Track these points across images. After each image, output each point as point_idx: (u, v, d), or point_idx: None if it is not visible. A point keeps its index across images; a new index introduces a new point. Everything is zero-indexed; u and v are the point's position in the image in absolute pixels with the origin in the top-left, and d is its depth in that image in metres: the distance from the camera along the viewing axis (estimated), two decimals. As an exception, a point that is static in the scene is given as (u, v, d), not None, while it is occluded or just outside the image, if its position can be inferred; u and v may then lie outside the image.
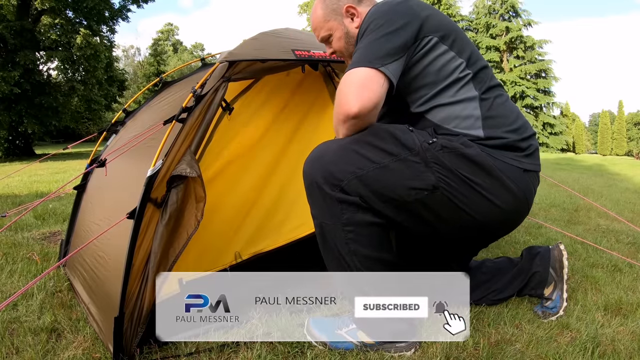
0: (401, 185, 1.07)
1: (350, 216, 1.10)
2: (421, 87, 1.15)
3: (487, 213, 1.13)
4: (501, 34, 28.73)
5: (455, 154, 1.09)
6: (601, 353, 1.16)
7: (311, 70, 1.81)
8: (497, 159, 1.13)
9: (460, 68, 1.15)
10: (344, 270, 1.15)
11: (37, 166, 8.08)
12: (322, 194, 1.10)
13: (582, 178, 7.09)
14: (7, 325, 1.34)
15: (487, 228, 1.21)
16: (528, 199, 1.19)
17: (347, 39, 1.28)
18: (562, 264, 1.43)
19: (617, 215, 2.90)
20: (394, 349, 1.17)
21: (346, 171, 1.08)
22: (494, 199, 1.12)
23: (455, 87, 1.15)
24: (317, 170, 1.11)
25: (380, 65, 1.06)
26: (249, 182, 1.79)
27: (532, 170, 1.20)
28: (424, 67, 1.13)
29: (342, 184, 1.08)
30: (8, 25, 12.61)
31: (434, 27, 1.14)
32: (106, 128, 2.13)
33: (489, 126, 1.15)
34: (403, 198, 1.08)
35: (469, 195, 1.10)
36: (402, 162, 1.07)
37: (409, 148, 1.08)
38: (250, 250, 1.74)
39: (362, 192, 1.08)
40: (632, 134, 45.53)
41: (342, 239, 1.12)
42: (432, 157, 1.07)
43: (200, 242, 1.46)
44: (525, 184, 1.16)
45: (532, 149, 1.20)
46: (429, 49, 1.13)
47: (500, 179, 1.12)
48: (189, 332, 1.27)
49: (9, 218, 2.68)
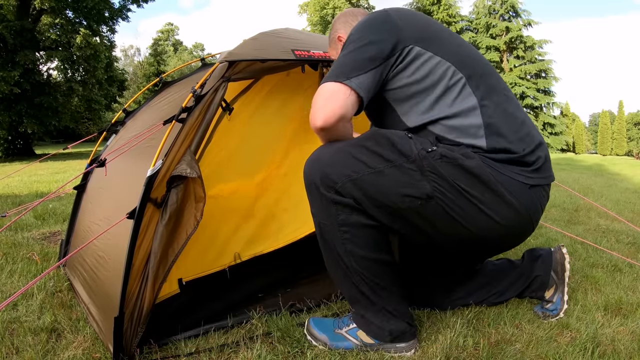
0: (395, 192, 1.07)
1: (345, 217, 1.11)
2: (411, 96, 1.13)
3: (486, 228, 1.10)
4: (501, 34, 28.71)
5: (454, 164, 1.06)
6: (601, 353, 1.16)
7: (311, 70, 1.81)
8: (500, 172, 1.09)
9: (449, 72, 1.11)
10: (341, 269, 1.16)
11: (37, 166, 8.08)
12: (319, 194, 1.12)
13: (582, 178, 7.09)
14: (7, 325, 1.34)
15: (486, 242, 1.18)
16: (532, 216, 1.15)
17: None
18: (563, 267, 1.42)
19: (617, 215, 2.90)
20: (393, 349, 1.17)
21: (341, 174, 1.08)
22: (492, 214, 1.09)
23: (451, 95, 1.11)
24: (316, 171, 1.12)
25: (345, 79, 1.06)
26: (249, 182, 1.79)
27: (539, 184, 1.15)
28: (409, 75, 1.11)
29: (337, 186, 1.09)
30: (8, 25, 12.60)
31: (416, 35, 1.12)
32: (106, 128, 2.14)
33: (492, 135, 1.10)
34: (397, 205, 1.08)
35: (465, 208, 1.07)
36: (397, 168, 1.07)
37: (406, 155, 1.07)
38: (250, 252, 1.74)
39: (356, 195, 1.08)
40: (632, 134, 45.55)
41: (338, 239, 1.12)
42: (428, 166, 1.06)
43: (200, 242, 1.46)
44: (529, 200, 1.12)
45: (540, 163, 1.15)
46: (412, 58, 1.11)
47: (501, 194, 1.08)
48: (189, 332, 1.27)
49: (9, 218, 2.69)
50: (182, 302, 1.36)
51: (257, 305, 1.44)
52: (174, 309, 1.33)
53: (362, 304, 1.19)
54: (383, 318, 1.17)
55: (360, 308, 1.20)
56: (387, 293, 1.18)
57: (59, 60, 14.63)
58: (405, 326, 1.18)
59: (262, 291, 1.58)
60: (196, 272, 1.48)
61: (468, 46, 1.22)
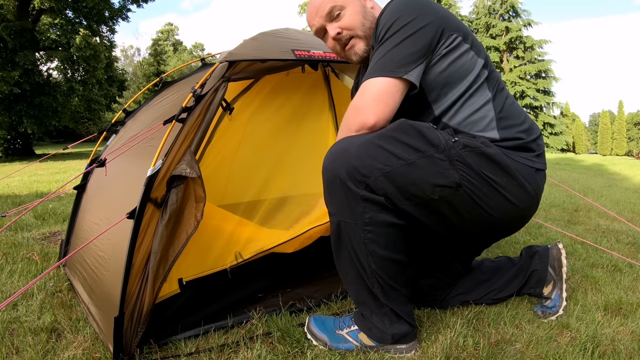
0: (427, 182, 1.07)
1: (373, 215, 1.08)
2: (443, 85, 1.15)
3: (505, 211, 1.15)
4: (501, 34, 28.72)
5: (477, 152, 1.10)
6: (601, 353, 1.16)
7: (311, 70, 1.81)
8: (512, 159, 1.15)
9: (478, 68, 1.16)
10: (356, 270, 1.14)
11: (37, 166, 8.09)
12: (345, 191, 1.07)
13: (582, 178, 7.09)
14: (7, 325, 1.34)
15: (501, 226, 1.22)
16: (539, 197, 1.23)
17: (364, 12, 1.23)
18: (560, 262, 1.44)
19: (617, 215, 2.90)
20: (394, 350, 1.17)
21: (372, 167, 1.05)
22: (511, 198, 1.14)
23: (473, 87, 1.16)
24: (340, 165, 1.07)
25: (404, 74, 1.07)
26: (249, 182, 1.79)
27: (542, 169, 1.23)
28: (448, 64, 1.13)
29: (369, 181, 1.05)
30: (8, 25, 12.59)
31: (455, 25, 1.14)
32: (106, 128, 2.14)
33: (503, 127, 1.17)
34: (428, 195, 1.08)
35: (489, 193, 1.11)
36: (428, 158, 1.07)
37: (435, 145, 1.07)
38: (251, 250, 1.74)
39: (388, 189, 1.06)
40: (632, 134, 45.51)
41: (360, 239, 1.10)
42: (456, 155, 1.08)
43: (200, 242, 1.46)
44: (536, 182, 1.20)
45: (540, 150, 1.24)
46: (454, 47, 1.13)
47: (517, 178, 1.14)
48: (189, 332, 1.27)
49: (9, 218, 2.69)
50: (182, 302, 1.36)
51: (257, 305, 1.44)
52: (174, 309, 1.33)
53: (369, 306, 1.18)
54: (388, 321, 1.17)
55: (366, 310, 1.19)
56: (397, 294, 1.17)
57: (58, 60, 14.62)
58: (408, 328, 1.18)
59: (262, 291, 1.58)
60: (197, 272, 1.48)
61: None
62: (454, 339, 1.21)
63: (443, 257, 1.41)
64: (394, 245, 1.13)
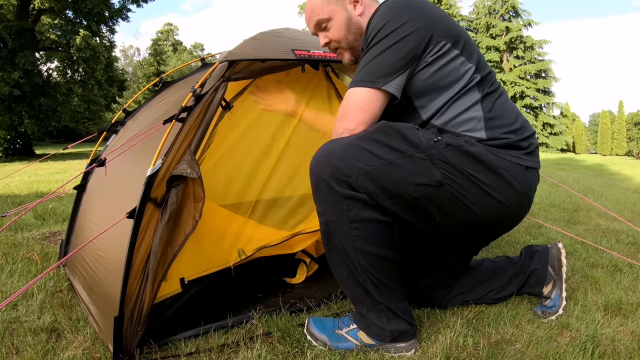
0: (408, 181, 1.08)
1: (357, 213, 1.10)
2: (429, 91, 1.16)
3: (491, 210, 1.14)
4: (501, 34, 28.74)
5: (460, 151, 1.10)
6: (601, 353, 1.16)
7: (311, 70, 1.81)
8: (499, 157, 1.14)
9: (469, 73, 1.16)
10: (347, 268, 1.15)
11: (37, 166, 8.08)
12: (329, 190, 1.10)
13: (582, 178, 7.09)
14: (7, 325, 1.34)
15: (490, 225, 1.22)
16: (529, 196, 1.21)
17: (349, 26, 1.25)
18: (560, 262, 1.44)
19: (617, 215, 2.90)
20: (394, 349, 1.17)
21: (354, 167, 1.08)
22: (497, 196, 1.13)
23: (462, 92, 1.16)
24: (325, 167, 1.10)
25: (383, 85, 1.09)
26: (249, 181, 1.79)
27: (533, 167, 1.21)
28: (434, 72, 1.13)
29: (350, 180, 1.08)
30: (8, 25, 12.59)
31: (446, 31, 1.13)
32: (106, 128, 2.13)
33: (491, 127, 1.17)
34: (409, 194, 1.09)
35: (473, 192, 1.11)
36: (409, 158, 1.08)
37: (415, 145, 1.09)
38: (253, 246, 1.74)
39: (370, 188, 1.08)
40: (632, 134, 45.54)
41: (347, 236, 1.12)
42: (437, 154, 1.08)
43: (201, 241, 1.46)
44: (526, 181, 1.18)
45: (532, 148, 1.22)
46: (441, 54, 1.12)
47: (503, 176, 1.13)
48: (189, 332, 1.27)
49: (9, 218, 2.69)
50: (182, 301, 1.36)
51: (257, 305, 1.44)
52: (174, 309, 1.32)
53: (366, 303, 1.19)
54: (385, 318, 1.17)
55: (362, 307, 1.20)
56: (391, 292, 1.18)
57: (58, 60, 14.63)
58: (406, 326, 1.18)
59: (262, 291, 1.58)
60: (199, 271, 1.48)
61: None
62: (454, 339, 1.21)
63: (439, 256, 1.41)
64: (381, 241, 1.14)
